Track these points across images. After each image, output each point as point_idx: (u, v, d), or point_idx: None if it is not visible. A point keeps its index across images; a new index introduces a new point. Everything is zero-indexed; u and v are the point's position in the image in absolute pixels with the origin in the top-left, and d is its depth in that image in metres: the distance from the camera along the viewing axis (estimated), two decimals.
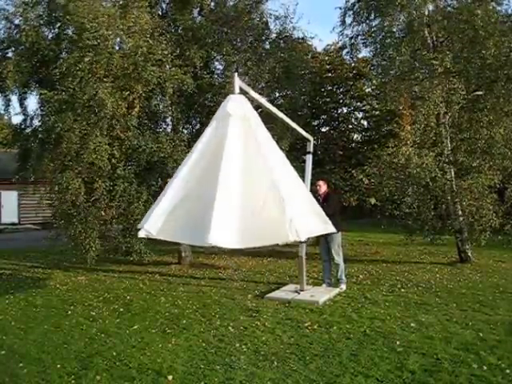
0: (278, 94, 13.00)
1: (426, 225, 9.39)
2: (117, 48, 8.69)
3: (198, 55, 9.21)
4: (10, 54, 9.15)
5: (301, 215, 4.59)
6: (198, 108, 10.16)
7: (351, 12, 10.20)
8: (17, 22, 8.82)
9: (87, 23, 7.75)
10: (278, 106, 8.22)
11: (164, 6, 10.47)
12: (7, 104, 9.39)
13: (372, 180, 10.63)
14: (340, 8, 10.39)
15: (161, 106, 9.69)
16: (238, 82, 5.38)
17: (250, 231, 4.34)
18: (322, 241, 7.50)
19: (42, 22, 8.80)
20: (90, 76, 7.89)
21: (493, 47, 8.62)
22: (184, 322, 5.53)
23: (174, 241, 4.89)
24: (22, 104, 9.56)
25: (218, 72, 10.61)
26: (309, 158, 7.37)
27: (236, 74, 5.51)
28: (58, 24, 8.69)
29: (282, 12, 10.69)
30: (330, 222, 5.39)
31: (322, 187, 7.38)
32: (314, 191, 7.28)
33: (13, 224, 22.07)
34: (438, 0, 9.68)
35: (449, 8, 9.65)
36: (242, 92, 5.53)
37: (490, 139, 9.04)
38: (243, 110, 5.16)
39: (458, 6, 9.30)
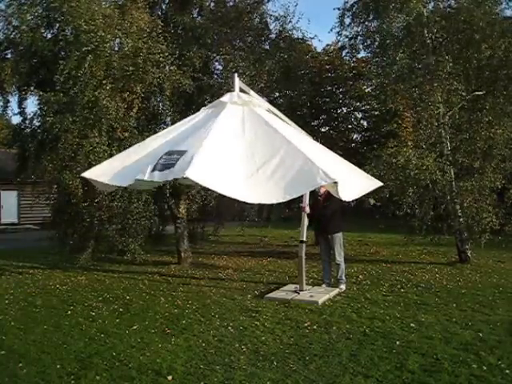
0: (277, 94, 13.02)
1: (425, 225, 9.40)
2: (116, 49, 8.69)
3: (198, 55, 9.21)
4: (9, 56, 9.15)
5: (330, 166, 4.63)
6: (197, 108, 10.15)
7: (350, 13, 10.20)
8: (15, 22, 8.81)
9: (84, 25, 7.74)
10: (278, 106, 8.23)
11: (164, 6, 10.47)
12: (6, 105, 9.39)
13: None
14: (338, 9, 10.41)
15: (160, 107, 9.69)
16: (238, 82, 5.40)
17: (266, 187, 4.36)
18: (322, 241, 7.51)
19: (39, 22, 8.79)
20: (90, 79, 7.88)
21: (489, 49, 8.63)
22: (184, 322, 5.52)
23: (110, 183, 5.08)
24: (21, 105, 9.57)
25: (218, 72, 10.63)
26: None
27: (236, 74, 5.53)
28: (57, 25, 8.68)
29: (281, 12, 10.69)
30: (373, 178, 5.44)
31: (322, 188, 7.36)
32: (314, 192, 7.30)
33: (12, 224, 22.07)
34: (436, 1, 9.70)
35: (448, 9, 9.66)
36: (242, 92, 5.57)
37: (489, 140, 9.05)
38: (242, 98, 5.24)
39: (457, 7, 9.31)
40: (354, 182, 5.39)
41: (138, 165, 4.78)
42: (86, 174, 5.18)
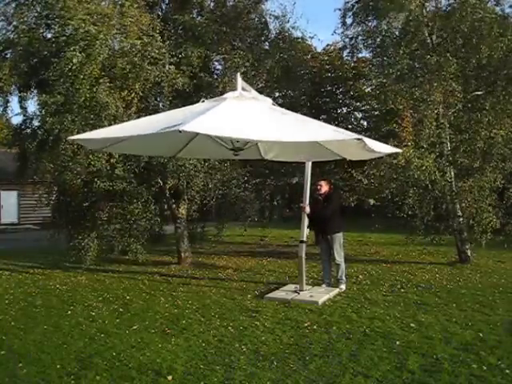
0: (277, 94, 13.02)
1: (425, 225, 9.40)
2: (116, 48, 8.68)
3: (197, 55, 9.21)
4: (8, 56, 9.12)
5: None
6: None
7: (350, 13, 10.20)
8: (15, 22, 8.78)
9: (75, 24, 7.72)
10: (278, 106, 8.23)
11: (164, 5, 10.47)
12: (5, 105, 9.37)
13: (372, 180, 10.63)
14: (340, 9, 10.41)
15: (160, 106, 9.69)
16: (240, 82, 5.38)
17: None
18: (322, 241, 7.51)
19: (39, 22, 8.78)
20: (83, 77, 7.85)
21: (486, 49, 8.63)
22: (183, 322, 5.52)
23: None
24: (22, 105, 9.56)
25: (218, 72, 10.62)
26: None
27: (238, 73, 5.52)
28: (56, 25, 8.66)
29: (281, 12, 10.68)
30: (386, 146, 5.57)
31: (324, 187, 7.38)
32: (314, 191, 7.31)
33: (12, 224, 22.08)
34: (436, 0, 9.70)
35: (448, 8, 9.67)
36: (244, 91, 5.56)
37: (489, 140, 9.05)
38: (244, 96, 5.26)
39: (453, 7, 9.31)
40: (376, 143, 5.43)
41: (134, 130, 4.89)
42: (73, 137, 5.51)
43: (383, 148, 5.36)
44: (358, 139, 4.30)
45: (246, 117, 4.61)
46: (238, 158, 6.15)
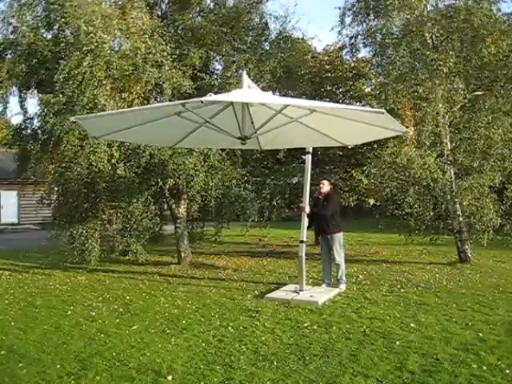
0: (278, 94, 13.01)
1: (425, 225, 9.40)
2: (116, 49, 8.68)
3: (198, 55, 9.21)
4: (8, 56, 9.12)
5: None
6: None
7: (350, 12, 10.18)
8: (14, 23, 8.78)
9: (83, 26, 7.73)
10: None
11: (164, 6, 10.47)
12: (5, 106, 9.38)
13: (372, 180, 10.63)
14: (339, 8, 10.40)
15: None
16: (246, 80, 5.34)
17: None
18: (322, 241, 7.52)
19: (40, 23, 8.78)
20: (89, 79, 7.86)
21: (492, 46, 8.63)
22: (183, 322, 5.53)
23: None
24: (22, 105, 9.55)
25: (218, 73, 10.62)
26: (308, 159, 7.36)
27: (244, 72, 5.49)
28: (57, 25, 8.65)
29: (282, 13, 10.69)
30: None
31: (325, 186, 7.39)
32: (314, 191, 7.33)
33: (12, 224, 22.08)
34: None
35: (449, 8, 9.66)
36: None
37: (488, 139, 9.05)
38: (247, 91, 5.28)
39: (457, 6, 9.31)
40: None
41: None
42: (77, 117, 5.38)
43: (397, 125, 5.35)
44: (381, 112, 4.25)
45: (256, 94, 5.05)
46: (243, 147, 6.13)
